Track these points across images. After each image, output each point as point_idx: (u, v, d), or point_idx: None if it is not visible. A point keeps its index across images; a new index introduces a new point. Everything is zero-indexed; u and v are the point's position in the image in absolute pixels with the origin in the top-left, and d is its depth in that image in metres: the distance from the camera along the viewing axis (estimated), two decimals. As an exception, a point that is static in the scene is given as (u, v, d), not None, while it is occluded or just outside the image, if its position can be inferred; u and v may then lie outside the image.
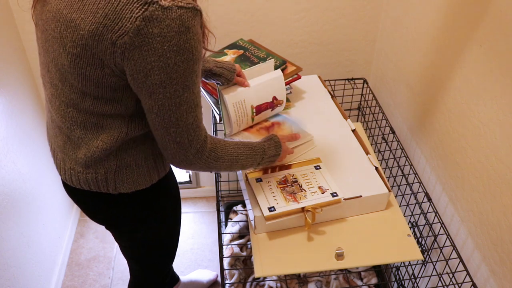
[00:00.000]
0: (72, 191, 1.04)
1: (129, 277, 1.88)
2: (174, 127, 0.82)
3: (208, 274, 1.86)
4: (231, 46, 1.45)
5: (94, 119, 0.87)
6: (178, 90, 0.78)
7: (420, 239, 1.31)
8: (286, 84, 1.36)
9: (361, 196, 1.10)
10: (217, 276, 1.89)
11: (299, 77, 1.39)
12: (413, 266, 1.44)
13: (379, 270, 1.61)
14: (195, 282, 1.81)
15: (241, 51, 1.42)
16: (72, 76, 0.83)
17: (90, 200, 1.03)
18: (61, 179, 1.03)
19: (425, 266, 1.34)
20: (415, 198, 1.32)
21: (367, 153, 1.24)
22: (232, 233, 1.76)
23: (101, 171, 0.93)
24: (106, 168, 0.93)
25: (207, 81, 1.23)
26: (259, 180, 1.12)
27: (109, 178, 0.94)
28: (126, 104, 0.86)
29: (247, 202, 1.13)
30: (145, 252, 1.21)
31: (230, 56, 1.39)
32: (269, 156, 1.06)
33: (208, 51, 0.90)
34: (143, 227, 1.10)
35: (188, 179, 2.21)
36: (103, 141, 0.89)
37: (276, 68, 1.33)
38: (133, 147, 0.93)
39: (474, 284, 1.08)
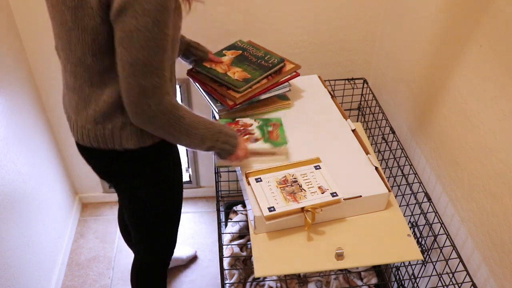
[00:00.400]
0: (84, 150, 1.12)
1: (129, 277, 1.89)
2: (140, 66, 0.86)
3: (187, 250, 1.94)
4: (230, 47, 1.45)
5: (98, 77, 0.96)
6: (149, 23, 0.83)
7: (420, 239, 1.31)
8: (285, 81, 1.36)
9: (361, 196, 1.10)
10: (196, 252, 1.97)
11: (297, 75, 1.39)
12: (413, 266, 1.44)
13: (379, 270, 1.61)
14: (174, 259, 1.88)
15: (239, 52, 1.42)
16: (74, 32, 0.91)
17: (99, 158, 1.11)
18: (75, 140, 1.12)
19: (425, 266, 1.34)
20: (415, 198, 1.32)
21: (367, 153, 1.24)
22: (232, 233, 1.76)
23: (108, 127, 1.01)
24: (113, 124, 1.01)
25: (183, 60, 1.35)
26: (259, 180, 1.12)
27: (115, 134, 1.02)
28: None
29: (247, 202, 1.13)
30: (147, 214, 1.24)
31: (228, 57, 1.40)
32: (224, 139, 1.06)
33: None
34: (145, 184, 1.16)
35: (188, 179, 2.21)
36: (108, 95, 0.97)
37: (274, 66, 1.33)
38: None
39: (474, 284, 1.08)
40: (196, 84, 1.39)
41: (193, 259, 1.96)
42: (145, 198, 1.19)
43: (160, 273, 1.47)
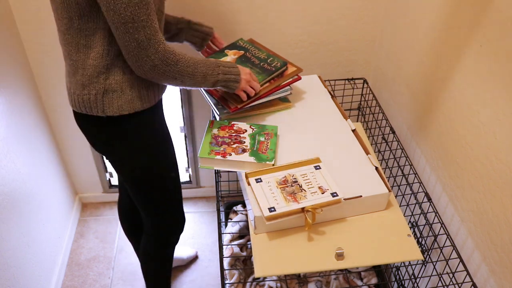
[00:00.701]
0: (76, 116, 1.20)
1: (129, 276, 1.89)
2: (130, 22, 0.95)
3: (188, 250, 1.96)
4: (231, 46, 1.45)
5: (83, 41, 1.04)
6: None
7: (420, 239, 1.31)
8: (286, 85, 1.36)
9: (361, 196, 1.10)
10: (197, 253, 1.98)
11: (299, 78, 1.38)
12: (413, 266, 1.44)
13: (379, 270, 1.61)
14: (175, 259, 1.89)
15: (242, 52, 1.42)
16: None
17: (87, 124, 1.19)
18: (72, 108, 1.19)
19: (425, 266, 1.34)
20: (415, 198, 1.32)
21: (367, 153, 1.24)
22: (232, 233, 1.76)
23: (92, 92, 1.09)
24: (97, 90, 1.09)
25: (191, 45, 1.41)
26: (259, 180, 1.12)
27: (98, 99, 1.09)
28: (104, 17, 1.00)
29: (247, 202, 1.13)
30: (141, 184, 1.28)
31: (230, 57, 1.39)
32: (225, 70, 1.16)
33: None
34: (131, 153, 1.21)
35: (188, 179, 2.21)
36: (92, 59, 1.06)
37: (277, 69, 1.33)
38: (120, 74, 1.09)
39: (474, 284, 1.08)
40: None
41: (193, 259, 1.96)
42: (133, 170, 1.24)
43: (168, 250, 1.51)
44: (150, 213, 1.38)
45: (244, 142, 1.23)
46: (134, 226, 1.60)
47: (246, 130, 1.27)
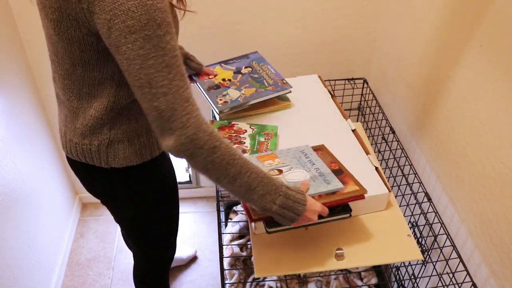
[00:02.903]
0: (72, 164, 1.10)
1: (129, 277, 1.89)
2: (147, 87, 0.78)
3: (188, 250, 1.95)
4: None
5: (86, 89, 0.92)
6: (139, 40, 0.75)
7: (420, 239, 1.31)
8: (346, 201, 1.02)
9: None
10: (196, 252, 1.98)
11: (362, 197, 1.03)
12: (413, 266, 1.44)
13: (379, 270, 1.61)
14: (175, 259, 1.88)
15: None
16: (60, 44, 0.87)
17: (86, 173, 1.08)
18: (65, 153, 1.09)
19: (425, 266, 1.34)
20: (415, 198, 1.32)
21: (367, 153, 1.24)
22: (232, 233, 1.76)
23: (95, 143, 0.98)
24: (100, 140, 0.98)
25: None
26: None
27: (102, 151, 0.99)
28: (111, 68, 0.89)
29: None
30: (139, 231, 1.24)
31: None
32: (290, 197, 0.87)
33: (182, 10, 0.93)
34: (132, 204, 1.13)
35: (188, 179, 2.21)
36: (95, 109, 0.94)
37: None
38: (126, 123, 0.97)
39: (474, 284, 1.08)
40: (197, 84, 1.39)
41: (193, 259, 1.96)
42: (135, 217, 1.18)
43: (160, 277, 1.47)
44: (141, 247, 1.33)
45: (244, 142, 1.22)
46: None
47: (246, 131, 1.26)
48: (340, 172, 1.04)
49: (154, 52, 0.76)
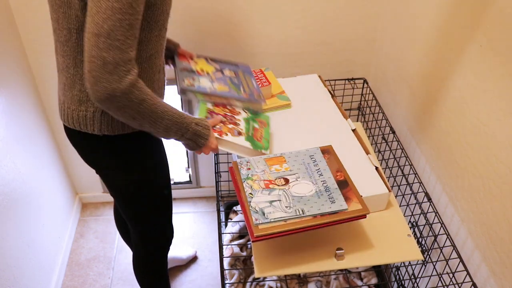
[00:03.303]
0: (69, 133, 1.14)
1: (129, 276, 1.89)
2: (104, 36, 0.84)
3: (187, 250, 1.95)
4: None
5: (81, 56, 0.99)
6: None
7: (420, 239, 1.31)
8: (347, 221, 1.00)
9: (361, 196, 1.10)
10: (196, 252, 1.98)
11: (364, 217, 1.00)
12: (413, 266, 1.44)
13: (379, 270, 1.61)
14: (174, 259, 1.89)
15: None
16: (61, 9, 0.95)
17: (81, 141, 1.13)
18: (63, 123, 1.14)
19: (425, 266, 1.34)
20: (415, 198, 1.32)
21: (367, 153, 1.24)
22: (232, 233, 1.76)
23: (90, 109, 1.04)
24: (96, 107, 1.03)
25: None
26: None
27: (96, 117, 1.04)
28: None
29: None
30: (131, 202, 1.26)
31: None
32: (195, 132, 1.05)
33: None
34: (122, 172, 1.17)
35: (188, 179, 2.21)
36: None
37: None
38: None
39: (474, 284, 1.08)
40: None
41: (193, 259, 1.96)
42: (125, 186, 1.21)
43: (160, 264, 1.48)
44: (138, 227, 1.35)
45: (239, 124, 1.19)
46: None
47: (240, 113, 1.23)
48: (345, 184, 1.04)
49: (125, 9, 0.84)
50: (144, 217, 1.31)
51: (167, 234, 1.41)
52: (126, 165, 1.16)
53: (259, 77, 1.43)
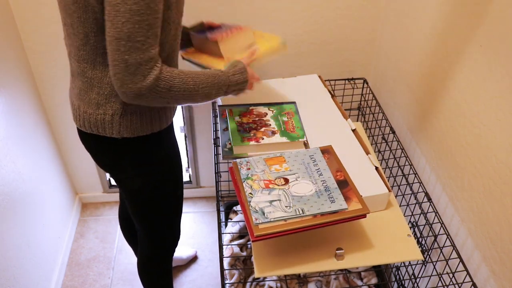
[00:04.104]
0: (83, 137, 1.14)
1: (129, 277, 1.89)
2: (124, 39, 0.86)
3: (188, 250, 1.96)
4: None
5: (100, 59, 0.98)
6: None
7: (420, 239, 1.31)
8: (347, 220, 1.00)
9: (361, 196, 1.10)
10: (196, 252, 1.98)
11: (364, 217, 1.01)
12: (413, 266, 1.44)
13: (379, 270, 1.61)
14: (174, 259, 1.90)
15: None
16: (76, 14, 0.94)
17: (97, 145, 1.13)
18: (77, 127, 1.14)
19: (425, 266, 1.34)
20: (415, 198, 1.32)
21: (367, 153, 1.24)
22: (232, 233, 1.76)
23: (109, 112, 1.03)
24: (114, 110, 1.03)
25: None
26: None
27: (115, 120, 1.04)
28: None
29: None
30: (145, 205, 1.26)
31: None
32: (236, 83, 1.07)
33: None
34: (140, 175, 1.18)
35: (188, 179, 2.21)
36: (110, 77, 0.99)
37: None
38: None
39: (474, 284, 1.08)
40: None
41: (193, 259, 1.96)
42: (141, 189, 1.21)
43: (165, 265, 1.48)
44: (149, 228, 1.35)
45: (270, 124, 1.23)
46: (135, 232, 1.58)
47: (266, 113, 1.28)
48: (345, 184, 1.04)
49: (143, 10, 0.85)
50: (156, 217, 1.31)
51: (175, 234, 1.42)
52: (143, 166, 1.16)
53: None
